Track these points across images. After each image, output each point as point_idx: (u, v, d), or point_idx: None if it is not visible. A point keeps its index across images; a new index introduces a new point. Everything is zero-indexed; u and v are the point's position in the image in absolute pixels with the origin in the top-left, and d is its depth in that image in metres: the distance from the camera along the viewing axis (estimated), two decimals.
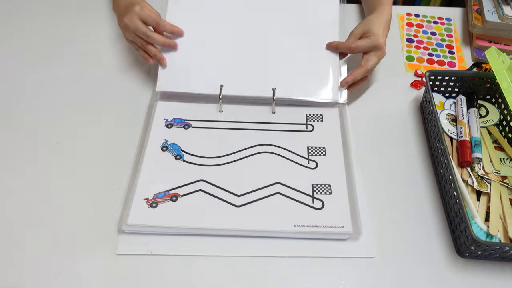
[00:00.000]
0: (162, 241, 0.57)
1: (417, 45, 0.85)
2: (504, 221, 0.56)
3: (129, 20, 0.69)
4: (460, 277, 0.54)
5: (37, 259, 0.55)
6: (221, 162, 0.64)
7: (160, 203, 0.59)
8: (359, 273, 0.55)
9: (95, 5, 0.91)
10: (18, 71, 0.78)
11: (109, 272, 0.54)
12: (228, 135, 0.68)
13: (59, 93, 0.74)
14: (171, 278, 0.54)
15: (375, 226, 0.59)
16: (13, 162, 0.65)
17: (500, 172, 0.62)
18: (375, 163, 0.66)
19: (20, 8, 0.91)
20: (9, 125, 0.70)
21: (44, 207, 0.60)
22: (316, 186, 0.61)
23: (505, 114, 0.69)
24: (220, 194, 0.60)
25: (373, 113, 0.73)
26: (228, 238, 0.57)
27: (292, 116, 0.71)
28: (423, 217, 0.60)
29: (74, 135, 0.68)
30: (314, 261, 0.56)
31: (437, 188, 0.63)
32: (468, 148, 0.63)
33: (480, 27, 0.82)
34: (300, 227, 0.57)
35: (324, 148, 0.66)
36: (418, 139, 0.69)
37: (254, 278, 0.54)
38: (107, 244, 0.56)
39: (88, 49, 0.82)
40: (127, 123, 0.70)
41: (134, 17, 0.69)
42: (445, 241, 0.57)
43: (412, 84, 0.77)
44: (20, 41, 0.84)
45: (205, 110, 0.71)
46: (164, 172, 0.63)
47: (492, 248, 0.53)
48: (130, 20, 0.69)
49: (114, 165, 0.64)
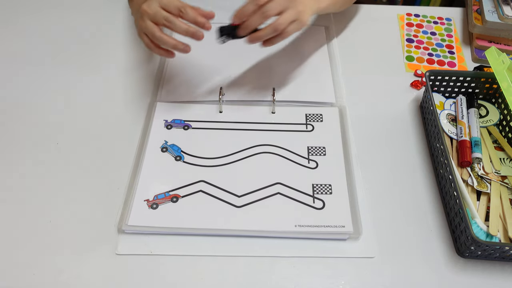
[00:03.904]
0: (162, 241, 0.57)
1: (417, 45, 0.85)
2: (504, 221, 0.57)
3: (148, 6, 0.60)
4: (460, 277, 0.54)
5: (37, 259, 0.55)
6: (221, 163, 0.64)
7: (160, 204, 0.59)
8: (359, 273, 0.55)
9: (95, 5, 0.91)
10: (18, 71, 0.78)
11: (109, 272, 0.54)
12: (228, 135, 0.68)
13: (59, 93, 0.74)
14: (171, 278, 0.54)
15: (375, 226, 0.59)
16: (13, 162, 0.65)
17: (500, 172, 0.62)
18: (375, 163, 0.66)
19: (20, 7, 0.91)
20: (9, 125, 0.70)
21: (44, 207, 0.60)
22: (316, 186, 0.61)
23: (505, 114, 0.69)
24: (220, 195, 0.60)
25: (373, 113, 0.73)
26: (229, 238, 0.57)
27: (292, 116, 0.71)
28: (423, 217, 0.60)
29: (74, 135, 0.68)
30: (314, 261, 0.56)
31: (437, 188, 0.63)
32: (468, 148, 0.63)
33: (480, 27, 0.82)
34: (301, 227, 0.57)
35: (324, 148, 0.66)
36: (418, 139, 0.69)
37: (254, 278, 0.54)
38: (107, 244, 0.56)
39: (88, 49, 0.82)
40: (127, 123, 0.70)
41: (154, 3, 0.60)
42: (445, 241, 0.58)
43: (412, 84, 0.77)
44: (20, 41, 0.84)
45: (205, 110, 0.71)
46: (164, 173, 0.63)
47: (492, 248, 0.53)
48: (149, 7, 0.60)
49: (114, 165, 0.64)
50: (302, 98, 0.73)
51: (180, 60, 0.78)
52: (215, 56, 0.79)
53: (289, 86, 0.75)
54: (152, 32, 0.60)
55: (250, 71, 0.77)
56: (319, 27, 0.87)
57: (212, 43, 0.82)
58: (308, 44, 0.83)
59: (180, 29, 0.60)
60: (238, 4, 0.62)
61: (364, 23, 0.89)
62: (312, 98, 0.73)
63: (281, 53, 0.80)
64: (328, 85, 0.75)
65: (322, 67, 0.78)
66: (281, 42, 0.79)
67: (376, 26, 0.88)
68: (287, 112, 0.71)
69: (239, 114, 0.71)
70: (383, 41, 0.85)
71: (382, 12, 0.92)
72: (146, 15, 0.60)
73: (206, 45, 0.81)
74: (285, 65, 0.78)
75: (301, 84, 0.75)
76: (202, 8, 0.62)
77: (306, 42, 0.83)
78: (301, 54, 0.80)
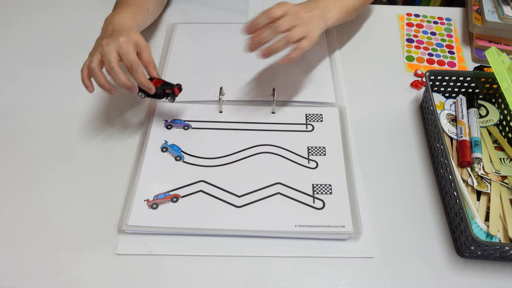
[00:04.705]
0: (162, 241, 0.57)
1: (417, 45, 0.85)
2: (504, 221, 0.57)
3: (107, 44, 0.59)
4: (460, 277, 0.54)
5: (37, 259, 0.55)
6: (221, 163, 0.64)
7: (160, 204, 0.59)
8: (359, 273, 0.55)
9: (96, 5, 0.91)
10: (19, 71, 0.78)
11: (109, 272, 0.54)
12: (228, 135, 0.68)
13: (59, 93, 0.74)
14: (171, 278, 0.54)
15: (375, 226, 0.59)
16: (13, 162, 0.65)
17: (500, 172, 0.62)
18: (375, 163, 0.66)
19: (20, 7, 0.91)
20: (9, 125, 0.70)
21: (44, 207, 0.60)
22: (316, 186, 0.61)
23: (505, 114, 0.69)
24: (220, 195, 0.60)
25: (373, 113, 0.73)
26: (229, 238, 0.57)
27: (292, 116, 0.71)
28: (423, 217, 0.60)
29: (74, 135, 0.68)
30: (315, 261, 0.56)
31: (437, 188, 0.63)
32: (468, 148, 0.63)
33: (480, 27, 0.81)
34: (301, 227, 0.57)
35: (324, 148, 0.66)
36: (418, 139, 0.69)
37: (254, 278, 0.54)
38: (107, 244, 0.56)
39: (88, 50, 0.82)
40: (127, 123, 0.70)
41: (114, 45, 0.59)
42: (445, 241, 0.58)
43: (412, 84, 0.77)
44: (20, 41, 0.84)
45: (205, 110, 0.71)
46: (164, 173, 0.63)
47: (492, 248, 0.53)
48: (108, 45, 0.59)
49: (114, 165, 0.64)
50: (302, 98, 0.73)
51: (180, 60, 0.79)
52: (215, 56, 0.80)
53: (289, 86, 0.75)
54: (93, 67, 0.60)
55: (250, 71, 0.77)
56: None
57: (212, 43, 0.83)
58: None
59: (119, 82, 0.60)
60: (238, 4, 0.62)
61: (364, 23, 0.89)
62: (312, 98, 0.73)
63: (281, 53, 0.80)
64: (328, 85, 0.75)
65: (322, 67, 0.78)
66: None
67: (376, 26, 0.88)
68: (287, 112, 0.71)
69: (239, 114, 0.71)
70: (383, 41, 0.85)
71: (382, 12, 0.92)
72: (101, 50, 0.60)
73: (206, 45, 0.82)
74: (285, 65, 0.78)
75: (301, 84, 0.75)
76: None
77: None
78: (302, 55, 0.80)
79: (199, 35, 0.84)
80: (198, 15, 0.89)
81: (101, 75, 0.60)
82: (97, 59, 0.60)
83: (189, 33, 0.85)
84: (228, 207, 0.59)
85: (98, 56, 0.60)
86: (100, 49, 0.60)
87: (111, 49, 0.59)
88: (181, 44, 0.82)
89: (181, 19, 0.88)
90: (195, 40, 0.83)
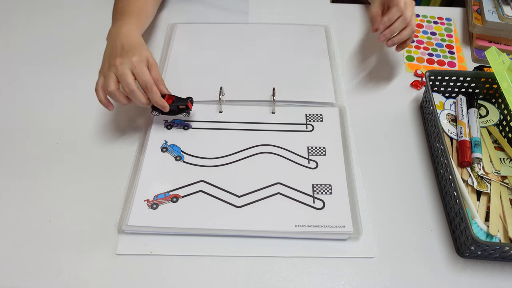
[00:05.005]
0: (162, 241, 0.57)
1: (417, 45, 0.85)
2: (504, 221, 0.57)
3: (121, 64, 0.59)
4: (460, 277, 0.54)
5: (37, 259, 0.55)
6: (221, 163, 0.64)
7: (160, 205, 0.59)
8: (359, 273, 0.55)
9: (96, 5, 0.91)
10: (19, 71, 0.78)
11: (109, 272, 0.54)
12: (228, 135, 0.68)
13: (59, 93, 0.74)
14: (171, 278, 0.54)
15: (375, 226, 0.59)
16: (13, 162, 0.65)
17: (500, 172, 0.62)
18: (375, 163, 0.66)
19: (20, 7, 0.91)
20: (9, 125, 0.70)
21: (44, 207, 0.60)
22: (316, 186, 0.61)
23: (505, 114, 0.69)
24: (220, 195, 0.60)
25: (373, 113, 0.73)
26: (229, 238, 0.57)
27: (292, 116, 0.71)
28: (423, 217, 0.60)
29: (74, 135, 0.68)
30: (315, 261, 0.56)
31: (437, 188, 0.63)
32: (468, 148, 0.63)
33: (480, 27, 0.82)
34: (301, 227, 0.57)
35: (324, 148, 0.66)
36: (418, 139, 0.69)
37: (254, 278, 0.54)
38: (107, 244, 0.56)
39: (88, 49, 0.82)
40: (127, 123, 0.70)
41: (127, 64, 0.60)
42: (445, 241, 0.58)
43: (412, 84, 0.77)
44: (20, 41, 0.84)
45: (205, 110, 0.71)
46: (164, 173, 0.63)
47: (492, 248, 0.53)
48: (122, 65, 0.59)
49: (114, 165, 0.64)
50: (302, 98, 0.73)
51: (180, 60, 0.79)
52: (215, 56, 0.80)
53: (289, 86, 0.75)
54: (112, 88, 0.60)
55: (250, 71, 0.77)
56: (319, 27, 0.87)
57: (212, 43, 0.83)
58: (308, 44, 0.83)
59: (139, 102, 0.61)
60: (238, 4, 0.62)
61: (364, 23, 0.89)
62: (312, 98, 0.73)
63: (281, 53, 0.81)
64: (328, 85, 0.75)
65: (322, 67, 0.78)
66: (281, 42, 0.83)
67: None
68: (287, 112, 0.71)
69: (239, 114, 0.71)
70: None
71: None
72: (115, 71, 0.60)
73: (206, 45, 0.82)
74: (285, 65, 0.78)
75: (301, 84, 0.75)
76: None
77: (306, 42, 0.83)
78: (301, 54, 0.81)
79: (199, 35, 0.84)
80: (198, 15, 0.89)
81: (123, 97, 0.61)
82: (113, 82, 0.60)
83: (189, 33, 0.85)
84: (228, 207, 0.59)
85: (113, 78, 0.60)
86: (114, 70, 0.60)
87: (126, 70, 0.59)
88: (181, 44, 0.82)
89: (181, 19, 0.88)
90: (195, 40, 0.83)
